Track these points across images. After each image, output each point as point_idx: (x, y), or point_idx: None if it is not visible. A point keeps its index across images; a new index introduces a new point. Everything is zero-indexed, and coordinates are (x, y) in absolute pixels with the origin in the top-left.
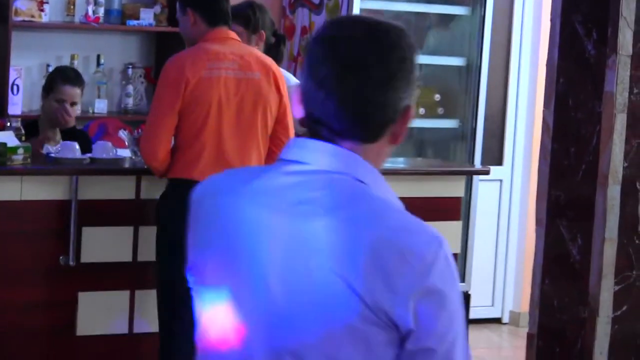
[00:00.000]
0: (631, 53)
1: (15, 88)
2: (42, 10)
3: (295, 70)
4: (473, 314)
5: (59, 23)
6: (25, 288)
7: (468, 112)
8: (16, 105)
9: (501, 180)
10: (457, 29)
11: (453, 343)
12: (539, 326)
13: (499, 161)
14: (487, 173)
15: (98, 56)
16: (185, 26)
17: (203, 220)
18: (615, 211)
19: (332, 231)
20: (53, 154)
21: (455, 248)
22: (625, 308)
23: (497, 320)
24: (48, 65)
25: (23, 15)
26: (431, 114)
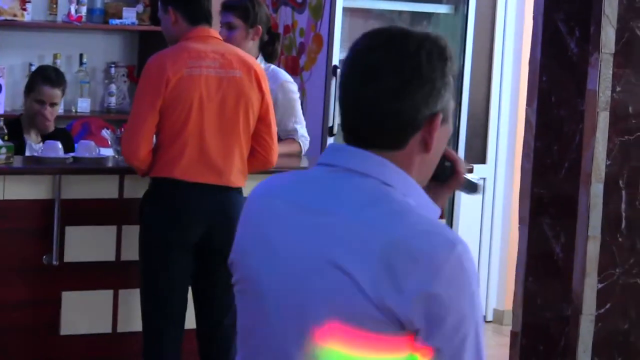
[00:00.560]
0: (614, 51)
1: None
2: (25, 9)
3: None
4: None
5: (42, 22)
6: (8, 287)
7: None
8: None
9: (484, 178)
10: (440, 28)
11: (461, 346)
12: (523, 324)
13: (482, 159)
14: (471, 171)
15: (81, 55)
16: (166, 25)
17: (250, 219)
18: (598, 209)
19: (349, 229)
20: (36, 154)
21: None
22: (608, 306)
23: None
24: (31, 64)
25: (5, 14)
26: None
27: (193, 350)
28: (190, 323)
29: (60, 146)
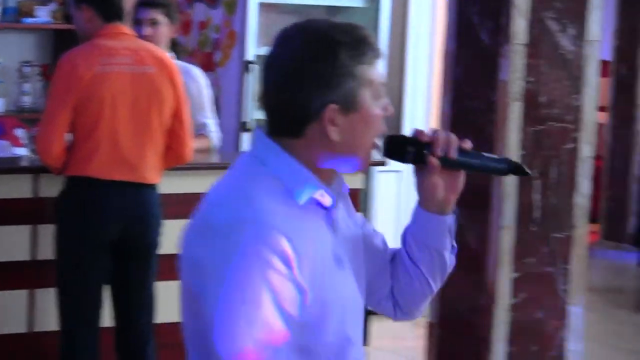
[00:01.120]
0: (525, 42)
1: None
2: None
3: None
4: None
5: None
6: None
7: None
8: None
9: (400, 171)
10: (354, 21)
11: (213, 312)
12: (439, 315)
13: None
14: (384, 164)
15: None
16: (80, 22)
17: None
18: (511, 199)
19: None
20: None
21: None
22: (523, 295)
23: None
24: None
25: None
26: None
27: (110, 347)
28: (107, 321)
29: None
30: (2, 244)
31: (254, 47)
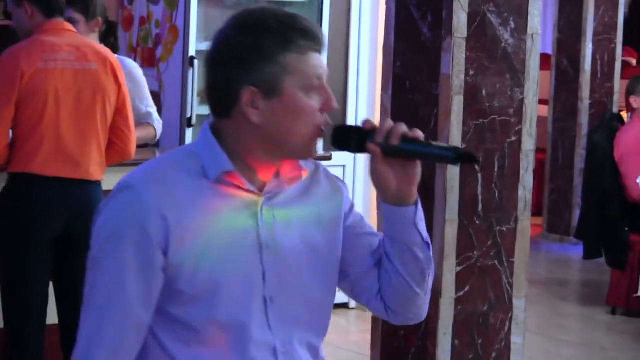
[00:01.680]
0: (466, 35)
1: None
2: None
3: (134, 60)
4: None
5: None
6: None
7: None
8: None
9: (344, 165)
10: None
11: (88, 298)
12: None
13: None
14: (329, 159)
15: None
16: (20, 19)
17: None
18: (455, 192)
19: None
20: None
21: None
22: (467, 288)
23: (345, 305)
24: None
25: None
26: None
27: (55, 344)
28: (52, 318)
29: None
30: None
31: (196, 43)
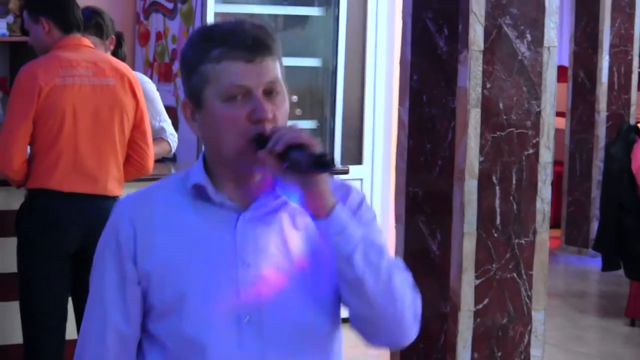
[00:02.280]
0: (482, 48)
1: None
2: None
3: (151, 75)
4: None
5: None
6: None
7: (326, 113)
8: None
9: (362, 179)
10: (312, 30)
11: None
12: None
13: (359, 160)
14: (347, 172)
15: None
16: (37, 35)
17: None
18: (472, 205)
19: None
20: None
21: None
22: (486, 301)
23: None
24: None
25: None
26: (289, 116)
27: None
28: (72, 333)
29: None
30: None
31: None
